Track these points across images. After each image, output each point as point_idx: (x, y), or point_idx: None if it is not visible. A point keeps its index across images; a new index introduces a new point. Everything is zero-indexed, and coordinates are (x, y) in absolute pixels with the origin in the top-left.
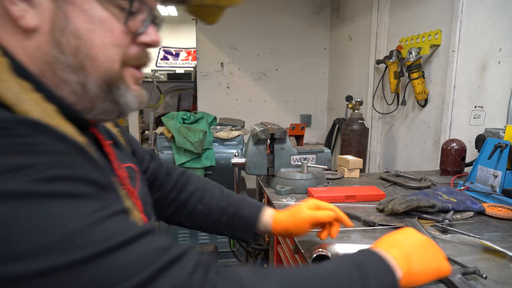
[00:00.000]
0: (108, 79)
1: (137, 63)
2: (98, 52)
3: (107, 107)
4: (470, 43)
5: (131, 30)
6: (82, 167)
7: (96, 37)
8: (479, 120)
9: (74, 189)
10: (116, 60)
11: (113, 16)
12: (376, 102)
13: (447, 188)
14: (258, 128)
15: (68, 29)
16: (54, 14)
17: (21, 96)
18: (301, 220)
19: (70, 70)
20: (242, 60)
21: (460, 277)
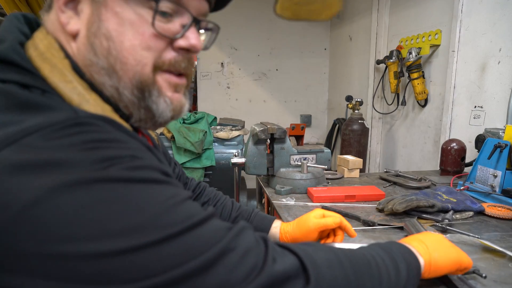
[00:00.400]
0: (139, 84)
1: (173, 68)
2: (127, 54)
3: (142, 114)
4: (470, 43)
5: (162, 33)
6: (153, 159)
7: (126, 39)
8: (479, 120)
9: (155, 176)
10: (147, 64)
11: (145, 18)
12: (376, 102)
13: (446, 188)
14: (258, 128)
15: (100, 31)
16: (90, 18)
17: (85, 96)
18: (308, 229)
19: (104, 72)
20: (242, 60)
21: (460, 276)
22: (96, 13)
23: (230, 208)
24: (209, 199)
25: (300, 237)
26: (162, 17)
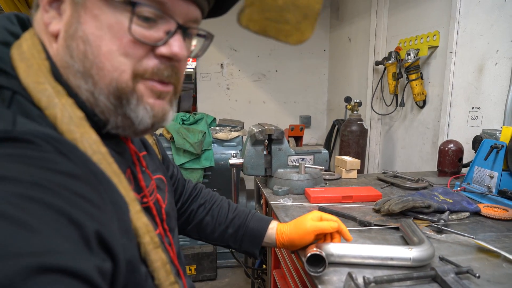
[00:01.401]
0: (116, 91)
1: (156, 77)
2: (104, 60)
3: (119, 122)
4: (468, 44)
5: (139, 39)
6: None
7: (103, 44)
8: (476, 121)
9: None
10: (125, 71)
11: (122, 23)
12: (375, 103)
13: (443, 189)
14: (256, 129)
15: (78, 34)
16: (69, 19)
17: (53, 100)
18: (305, 231)
19: (79, 76)
20: (241, 61)
21: (453, 277)
22: (75, 15)
23: (227, 209)
24: (205, 201)
25: (297, 239)
26: (144, 22)
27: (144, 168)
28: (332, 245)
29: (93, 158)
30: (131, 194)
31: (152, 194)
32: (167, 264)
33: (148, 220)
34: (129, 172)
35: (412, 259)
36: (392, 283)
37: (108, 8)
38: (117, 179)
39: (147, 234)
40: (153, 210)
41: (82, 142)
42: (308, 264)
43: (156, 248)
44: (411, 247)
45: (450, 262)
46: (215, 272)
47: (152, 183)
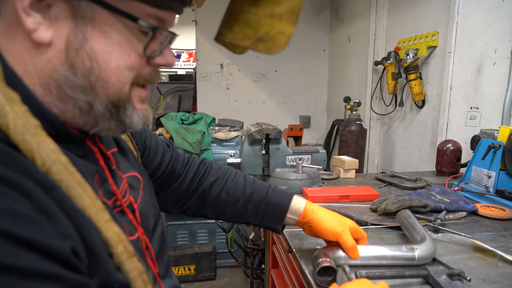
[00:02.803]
0: (116, 101)
1: (147, 82)
2: (111, 74)
3: (111, 126)
4: (466, 44)
5: (147, 54)
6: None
7: (111, 60)
8: (475, 121)
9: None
10: (127, 82)
11: (132, 39)
12: (374, 103)
13: (440, 189)
14: (254, 128)
15: (84, 50)
16: (71, 33)
17: (4, 108)
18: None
19: (78, 89)
20: (241, 61)
21: (445, 278)
22: (80, 29)
23: (243, 184)
24: (218, 178)
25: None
26: (145, 36)
27: (114, 168)
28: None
29: (52, 168)
30: (98, 204)
31: (125, 196)
32: (143, 273)
33: (119, 229)
34: (97, 177)
35: (417, 259)
36: (383, 280)
37: (119, 25)
38: (82, 189)
39: (119, 244)
40: (129, 214)
41: (39, 153)
42: (318, 275)
43: (130, 257)
44: (415, 246)
45: (442, 264)
46: (214, 272)
47: (123, 184)
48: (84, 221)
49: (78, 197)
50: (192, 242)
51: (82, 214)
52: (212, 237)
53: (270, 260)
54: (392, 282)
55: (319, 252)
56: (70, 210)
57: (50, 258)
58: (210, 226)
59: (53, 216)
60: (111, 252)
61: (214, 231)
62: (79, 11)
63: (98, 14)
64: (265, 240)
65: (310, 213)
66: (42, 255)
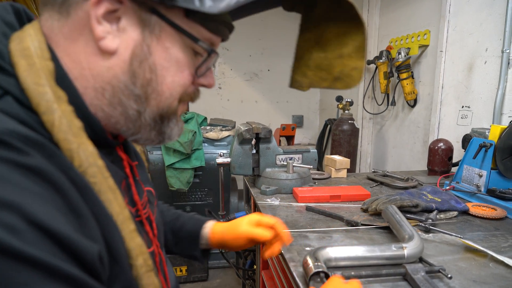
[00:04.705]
0: (164, 113)
1: (189, 100)
2: (166, 89)
3: (151, 135)
4: (458, 43)
5: (198, 74)
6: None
7: (168, 75)
8: (466, 120)
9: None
10: (177, 98)
11: (188, 58)
12: (366, 103)
13: (432, 188)
14: (243, 127)
15: (147, 62)
16: (138, 45)
17: (52, 105)
18: (238, 234)
19: (133, 98)
20: (234, 60)
21: (424, 275)
22: (146, 43)
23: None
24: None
25: (229, 240)
26: (195, 57)
27: (138, 179)
28: (330, 250)
29: (88, 170)
30: (126, 212)
31: (146, 207)
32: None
33: (142, 241)
34: (124, 185)
35: (406, 257)
36: (359, 280)
37: (181, 44)
38: (112, 195)
39: (140, 256)
40: (146, 226)
41: (78, 153)
42: (312, 282)
43: (148, 271)
44: (404, 245)
45: (423, 261)
46: (206, 273)
47: (144, 195)
48: (112, 227)
49: (108, 202)
50: None
51: (111, 219)
52: None
53: (261, 261)
54: (370, 281)
55: (309, 255)
56: (100, 214)
57: (76, 258)
58: None
59: (82, 216)
60: (131, 263)
61: None
62: (147, 26)
63: (165, 31)
64: None
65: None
66: (67, 253)
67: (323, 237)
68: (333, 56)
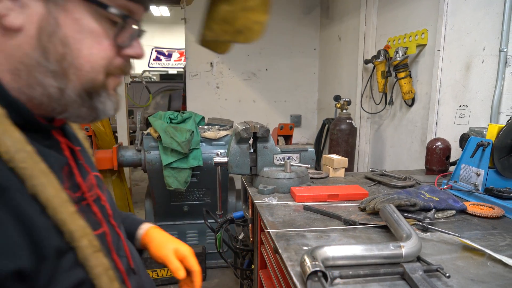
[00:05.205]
0: (90, 88)
1: (120, 73)
2: (84, 62)
3: (83, 112)
4: (455, 42)
5: (118, 44)
6: None
7: (84, 47)
8: (464, 119)
9: None
10: (101, 71)
11: (103, 28)
12: (364, 102)
13: (430, 187)
14: (241, 126)
15: (56, 36)
16: (43, 19)
17: None
18: (159, 252)
19: (50, 75)
20: (231, 60)
21: (421, 274)
22: (53, 16)
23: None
24: None
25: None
26: (115, 27)
27: (81, 162)
28: (327, 249)
29: (16, 157)
30: (62, 195)
31: (92, 190)
32: (109, 269)
33: (85, 223)
34: (67, 169)
35: (404, 256)
36: (357, 279)
37: (91, 14)
38: (46, 179)
39: (84, 237)
40: (94, 207)
41: (4, 141)
42: (309, 281)
43: (95, 252)
44: (401, 244)
45: (421, 260)
46: (204, 273)
47: (90, 178)
48: (38, 224)
49: (42, 186)
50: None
51: (37, 216)
52: (202, 238)
53: (258, 260)
54: (368, 280)
55: (307, 254)
56: (23, 214)
57: None
58: (200, 227)
59: None
60: (75, 245)
61: (204, 231)
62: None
63: (70, 1)
64: (253, 241)
65: (146, 239)
66: None
67: (321, 236)
68: (237, 9)
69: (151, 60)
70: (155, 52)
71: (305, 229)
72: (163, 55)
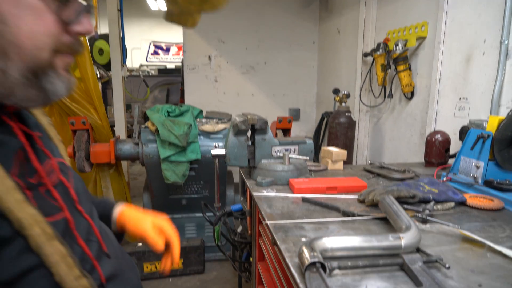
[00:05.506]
0: (35, 67)
1: (69, 51)
2: (25, 39)
3: (31, 94)
4: (456, 34)
5: (63, 20)
6: None
7: (23, 24)
8: (463, 112)
9: None
10: (46, 49)
11: (45, 3)
12: (363, 95)
13: (429, 179)
14: (239, 118)
15: None
16: None
17: None
18: (137, 229)
19: None
20: (229, 53)
21: (421, 265)
22: None
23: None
24: None
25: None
26: (60, 2)
27: (39, 147)
28: (326, 240)
29: None
30: (7, 183)
31: (51, 174)
32: (67, 256)
33: (35, 210)
34: (21, 154)
35: (403, 247)
36: (356, 270)
37: None
38: None
39: (35, 226)
40: (54, 193)
41: None
42: (308, 272)
43: (50, 240)
44: (401, 235)
45: (420, 251)
46: (202, 265)
47: (50, 163)
48: None
49: None
50: (180, 236)
51: None
52: (201, 231)
53: (256, 253)
54: (367, 271)
55: (305, 245)
56: None
57: None
58: (198, 220)
59: None
60: (26, 234)
61: (203, 224)
62: None
63: None
64: (251, 233)
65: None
66: None
67: (319, 228)
68: None
69: (149, 54)
70: (153, 46)
71: (303, 220)
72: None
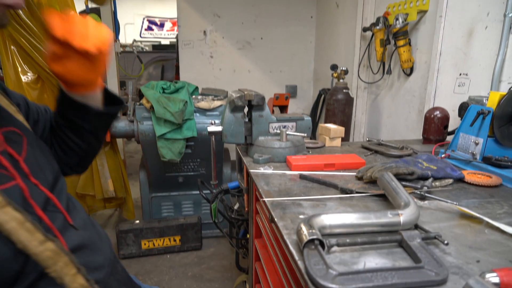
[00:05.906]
0: None
1: None
2: None
3: None
4: (458, 7)
5: None
6: None
7: None
8: (463, 88)
9: None
10: None
11: None
12: (361, 72)
13: (427, 156)
14: (235, 94)
15: None
16: None
17: None
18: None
19: None
20: (225, 28)
21: (420, 242)
22: None
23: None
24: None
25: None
26: None
27: None
28: (324, 217)
29: None
30: None
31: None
32: (26, 222)
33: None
34: None
35: (402, 224)
36: (354, 247)
37: None
38: None
39: None
40: (3, 161)
41: None
42: (306, 249)
43: (3, 207)
44: (399, 212)
45: (419, 228)
46: (200, 242)
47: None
48: None
49: None
50: (177, 213)
51: None
52: (198, 208)
53: (253, 230)
54: (365, 248)
55: (303, 223)
56: None
57: None
58: (195, 198)
59: None
60: None
61: (199, 202)
62: None
63: None
64: (248, 210)
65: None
66: None
67: (317, 205)
68: None
69: (142, 30)
70: (146, 22)
71: (301, 197)
72: (155, 25)
